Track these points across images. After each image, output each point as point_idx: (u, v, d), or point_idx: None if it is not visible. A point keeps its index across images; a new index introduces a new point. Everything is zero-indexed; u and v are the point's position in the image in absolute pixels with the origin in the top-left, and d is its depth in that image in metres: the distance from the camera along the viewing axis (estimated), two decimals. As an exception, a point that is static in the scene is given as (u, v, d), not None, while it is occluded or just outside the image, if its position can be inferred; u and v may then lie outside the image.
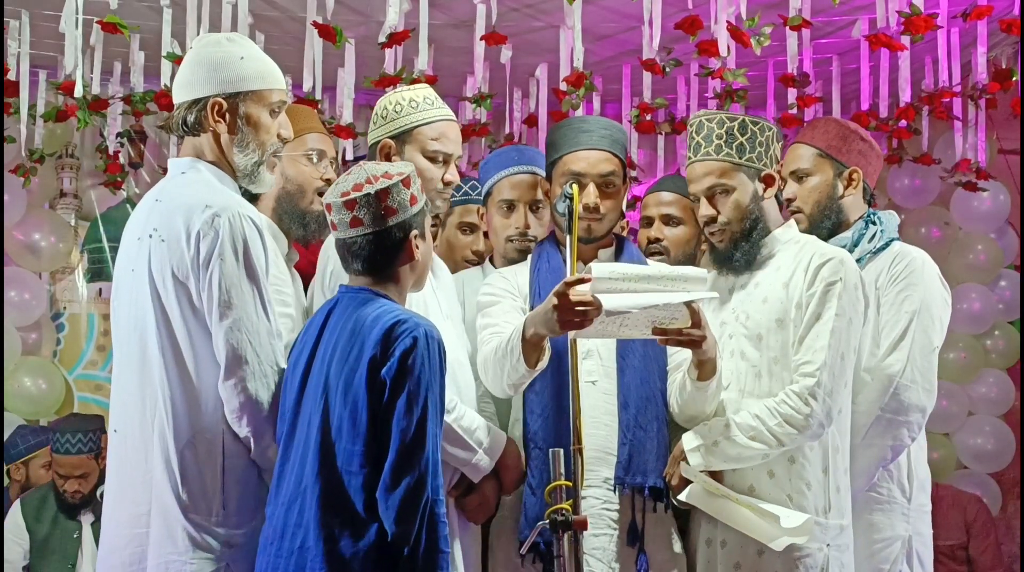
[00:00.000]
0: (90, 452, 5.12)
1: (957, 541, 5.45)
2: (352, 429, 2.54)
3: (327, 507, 2.53)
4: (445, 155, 3.10)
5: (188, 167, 2.81)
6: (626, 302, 2.87)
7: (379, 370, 2.53)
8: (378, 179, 2.66)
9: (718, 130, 3.14)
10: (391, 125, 3.11)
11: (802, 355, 3.06)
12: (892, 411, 3.23)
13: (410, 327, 2.55)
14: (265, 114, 2.82)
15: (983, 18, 4.65)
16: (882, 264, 3.35)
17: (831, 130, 3.46)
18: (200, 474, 2.67)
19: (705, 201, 3.16)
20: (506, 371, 3.05)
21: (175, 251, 2.67)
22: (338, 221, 2.68)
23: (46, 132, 5.49)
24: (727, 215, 3.15)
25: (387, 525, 2.49)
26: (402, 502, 2.48)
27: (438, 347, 2.58)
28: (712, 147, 3.14)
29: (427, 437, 2.52)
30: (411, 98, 3.12)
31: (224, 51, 2.79)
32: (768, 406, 3.04)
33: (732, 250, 3.18)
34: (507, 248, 3.48)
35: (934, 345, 3.30)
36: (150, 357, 2.70)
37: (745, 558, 3.08)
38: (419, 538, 2.48)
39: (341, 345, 2.60)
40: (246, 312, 2.66)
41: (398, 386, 2.52)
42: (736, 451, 3.04)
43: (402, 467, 2.49)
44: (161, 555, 2.67)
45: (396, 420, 2.51)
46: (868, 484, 3.26)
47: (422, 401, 2.52)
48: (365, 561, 2.50)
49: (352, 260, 2.71)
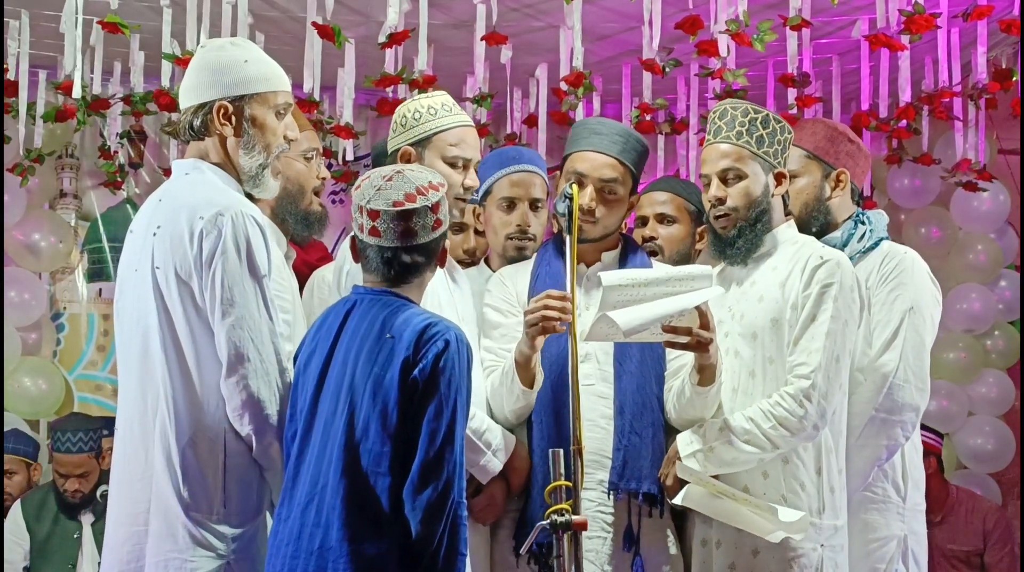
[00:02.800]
0: (91, 451, 5.13)
1: (973, 548, 5.46)
2: (381, 430, 2.54)
3: (352, 507, 2.53)
4: (464, 160, 3.12)
5: (192, 168, 2.82)
6: (642, 317, 2.89)
7: (411, 371, 2.54)
8: (427, 191, 2.67)
9: (742, 118, 3.15)
10: (411, 132, 3.13)
11: (796, 356, 3.06)
12: (886, 410, 3.23)
13: (442, 330, 2.57)
14: (271, 116, 2.82)
15: (983, 18, 4.65)
16: (872, 264, 3.35)
17: (819, 131, 3.46)
18: (201, 472, 2.68)
19: (717, 181, 3.16)
20: (505, 398, 3.11)
21: (178, 250, 2.68)
22: (384, 229, 2.65)
23: (46, 132, 5.49)
24: (736, 201, 3.15)
25: (413, 526, 2.50)
26: (430, 503, 2.49)
27: (467, 351, 2.61)
28: (733, 132, 3.15)
29: (456, 439, 2.54)
30: (430, 105, 3.14)
31: (228, 55, 2.80)
32: (762, 409, 3.04)
33: (735, 238, 3.18)
34: (506, 246, 3.48)
35: (926, 344, 3.31)
36: (152, 355, 2.70)
37: (740, 558, 3.08)
38: (442, 539, 2.49)
39: (367, 347, 2.60)
40: (248, 310, 2.67)
41: (430, 388, 2.54)
42: (731, 455, 3.04)
43: (431, 469, 2.51)
44: (161, 553, 2.67)
45: (427, 421, 2.53)
46: (863, 484, 3.27)
47: (452, 403, 2.54)
48: (388, 561, 2.51)
49: (386, 267, 2.69)
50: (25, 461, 5.46)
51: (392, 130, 3.19)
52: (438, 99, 3.17)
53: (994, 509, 5.62)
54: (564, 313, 2.93)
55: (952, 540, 5.44)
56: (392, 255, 2.67)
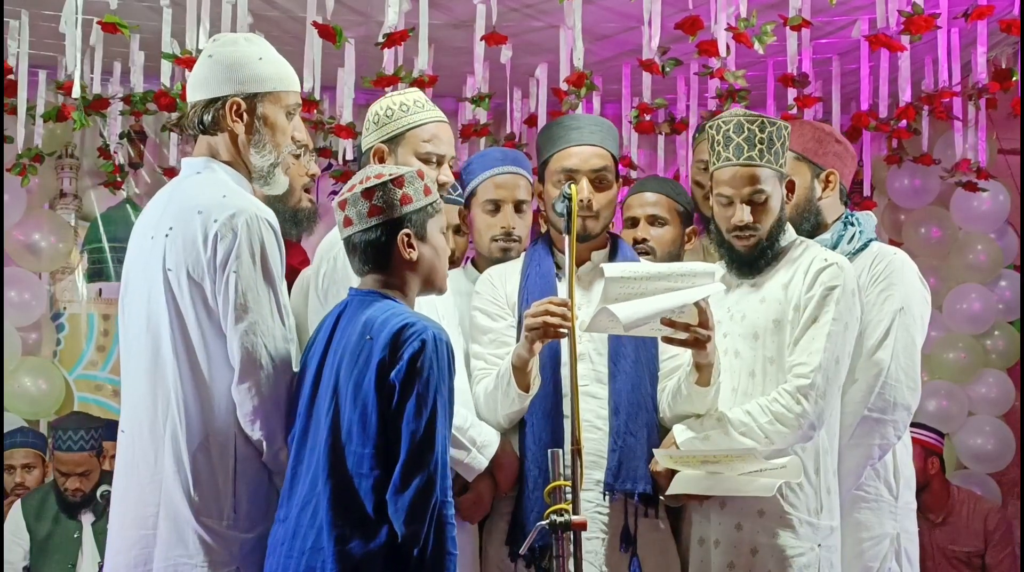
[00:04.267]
0: (91, 450, 5.14)
1: (974, 548, 5.46)
2: (362, 432, 2.54)
3: (338, 508, 2.53)
4: (438, 156, 3.11)
5: (203, 167, 2.79)
6: (642, 312, 2.89)
7: (388, 373, 2.54)
8: (369, 179, 2.68)
9: (760, 134, 3.10)
10: (383, 130, 3.12)
11: (796, 356, 3.07)
12: (878, 410, 3.23)
13: (418, 330, 2.56)
14: (282, 115, 2.81)
15: (983, 18, 4.65)
16: (862, 264, 3.35)
17: (806, 133, 3.46)
18: (212, 477, 2.67)
19: (743, 207, 3.12)
20: (500, 402, 3.10)
21: (191, 252, 2.66)
22: (354, 215, 2.68)
23: (46, 132, 5.49)
24: (763, 223, 3.13)
25: (397, 526, 2.51)
26: (412, 503, 2.49)
27: (447, 350, 2.59)
28: (755, 151, 3.10)
29: (436, 439, 2.53)
30: (402, 102, 3.13)
31: (243, 51, 2.78)
32: (760, 404, 3.05)
33: (757, 256, 3.17)
34: (491, 248, 3.49)
35: (917, 343, 3.31)
36: (163, 358, 2.69)
37: (739, 558, 3.08)
38: (428, 539, 2.49)
39: (350, 348, 2.60)
40: (262, 315, 2.65)
41: (407, 389, 2.53)
42: (726, 444, 3.04)
43: (412, 469, 2.50)
44: (170, 557, 2.66)
45: (406, 423, 2.52)
46: (855, 483, 3.27)
47: (431, 403, 2.53)
48: (375, 562, 2.51)
49: (351, 258, 2.73)
50: (41, 456, 5.47)
51: (365, 128, 3.19)
52: (410, 96, 3.16)
53: (995, 510, 5.62)
54: (565, 320, 2.93)
55: (953, 541, 5.44)
56: (360, 238, 2.67)
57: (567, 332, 2.93)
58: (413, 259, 2.70)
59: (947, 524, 5.44)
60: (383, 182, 2.67)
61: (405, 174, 2.71)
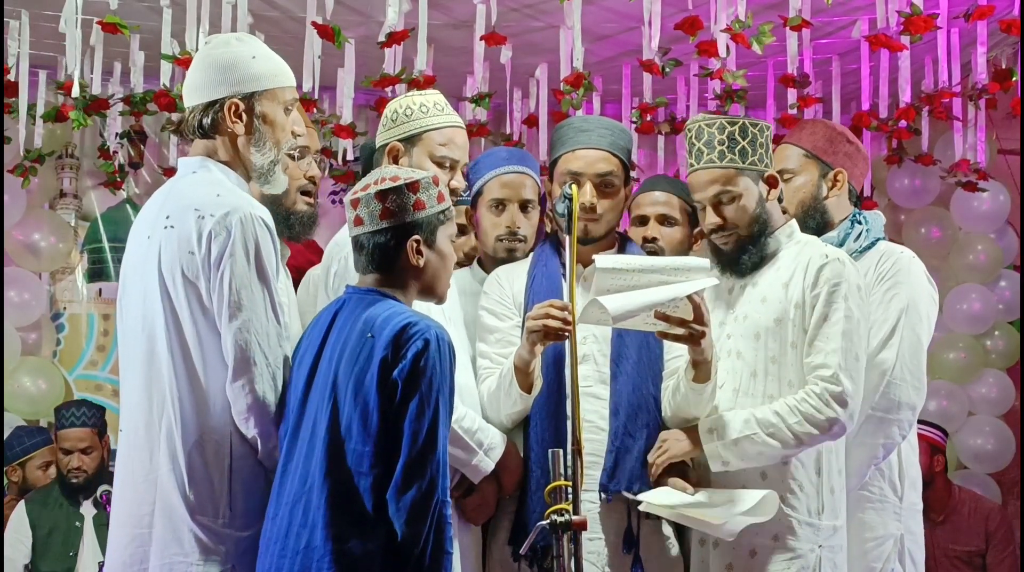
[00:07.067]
0: (94, 426, 5.16)
1: (975, 548, 5.47)
2: (363, 430, 2.54)
3: (336, 507, 2.53)
4: (452, 161, 3.11)
5: (199, 166, 2.79)
6: (632, 304, 2.88)
7: (391, 372, 2.53)
8: (384, 181, 2.68)
9: (719, 135, 3.10)
10: (400, 128, 3.12)
11: (815, 357, 3.04)
12: (883, 409, 3.23)
13: (421, 329, 2.55)
14: (280, 112, 2.81)
15: (984, 18, 4.65)
16: (868, 263, 3.34)
17: (818, 131, 3.46)
18: (208, 475, 2.66)
19: (711, 209, 3.12)
20: (502, 402, 3.10)
21: (185, 251, 2.66)
22: (366, 215, 2.68)
23: (46, 132, 5.49)
24: (734, 221, 3.12)
25: (397, 526, 2.50)
26: (413, 504, 2.48)
27: (448, 349, 2.58)
28: (715, 154, 3.10)
29: (438, 439, 2.53)
30: (422, 103, 3.13)
31: (235, 51, 2.78)
32: (788, 404, 3.02)
33: (739, 254, 3.16)
34: (496, 247, 3.48)
35: (923, 342, 3.31)
36: (158, 356, 2.69)
37: (737, 559, 3.07)
38: (427, 539, 2.49)
39: (350, 346, 2.60)
40: (255, 313, 2.65)
41: (410, 388, 2.52)
42: (756, 449, 3.01)
43: (414, 469, 2.50)
44: (166, 556, 2.66)
45: (408, 422, 2.51)
46: (860, 483, 3.26)
47: (433, 403, 2.53)
48: (373, 561, 2.50)
49: (357, 256, 2.72)
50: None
51: (382, 125, 3.18)
52: (431, 98, 3.16)
53: (996, 510, 5.62)
54: (566, 323, 2.93)
55: (954, 540, 5.44)
56: (368, 239, 2.67)
57: (568, 335, 2.93)
58: (420, 265, 2.69)
59: (948, 523, 5.44)
60: (398, 186, 2.66)
61: (420, 179, 2.70)
